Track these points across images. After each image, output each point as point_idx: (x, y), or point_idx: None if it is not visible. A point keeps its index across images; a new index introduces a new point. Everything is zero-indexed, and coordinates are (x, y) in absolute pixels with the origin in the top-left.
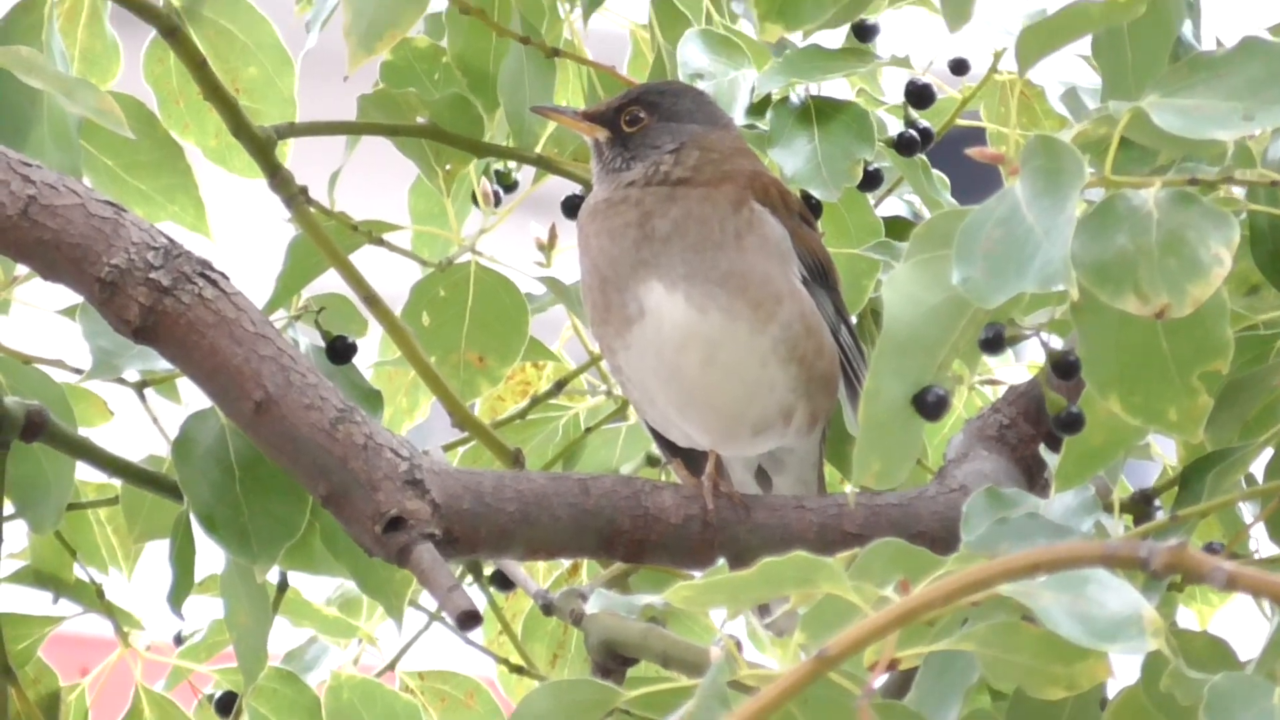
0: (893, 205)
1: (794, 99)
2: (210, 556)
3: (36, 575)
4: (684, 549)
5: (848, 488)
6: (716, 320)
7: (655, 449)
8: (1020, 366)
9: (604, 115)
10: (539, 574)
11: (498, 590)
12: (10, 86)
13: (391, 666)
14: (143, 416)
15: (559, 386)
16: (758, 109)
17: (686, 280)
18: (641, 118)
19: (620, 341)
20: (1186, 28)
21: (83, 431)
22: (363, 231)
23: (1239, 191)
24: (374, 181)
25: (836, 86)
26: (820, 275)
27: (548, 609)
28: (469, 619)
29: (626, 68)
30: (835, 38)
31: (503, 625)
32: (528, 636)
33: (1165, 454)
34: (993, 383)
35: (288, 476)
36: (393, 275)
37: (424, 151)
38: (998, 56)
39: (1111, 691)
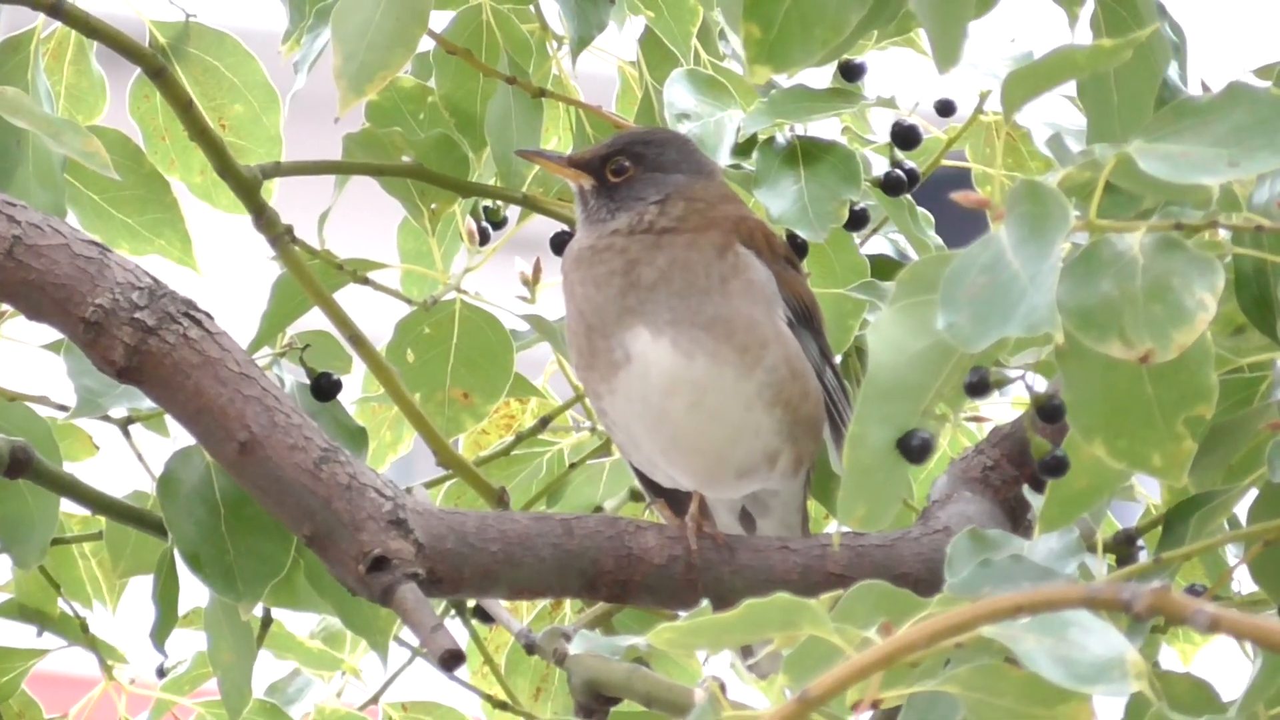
0: (878, 244)
1: (780, 139)
2: (194, 588)
3: (20, 609)
4: (667, 590)
5: (832, 526)
6: (702, 365)
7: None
8: (1004, 403)
9: (589, 163)
10: (521, 610)
11: (480, 624)
12: None
13: (375, 700)
14: (128, 452)
15: (543, 423)
16: (744, 149)
17: (672, 326)
18: (627, 167)
19: (606, 386)
20: (1172, 70)
21: (68, 466)
22: (348, 270)
23: (1224, 234)
24: (363, 220)
25: (823, 126)
26: (805, 318)
27: (530, 648)
28: (452, 659)
29: (615, 104)
30: (822, 77)
31: (485, 659)
32: (511, 670)
33: (1148, 493)
34: (977, 419)
35: (271, 516)
36: (379, 313)
37: (409, 191)
38: (983, 98)
39: None
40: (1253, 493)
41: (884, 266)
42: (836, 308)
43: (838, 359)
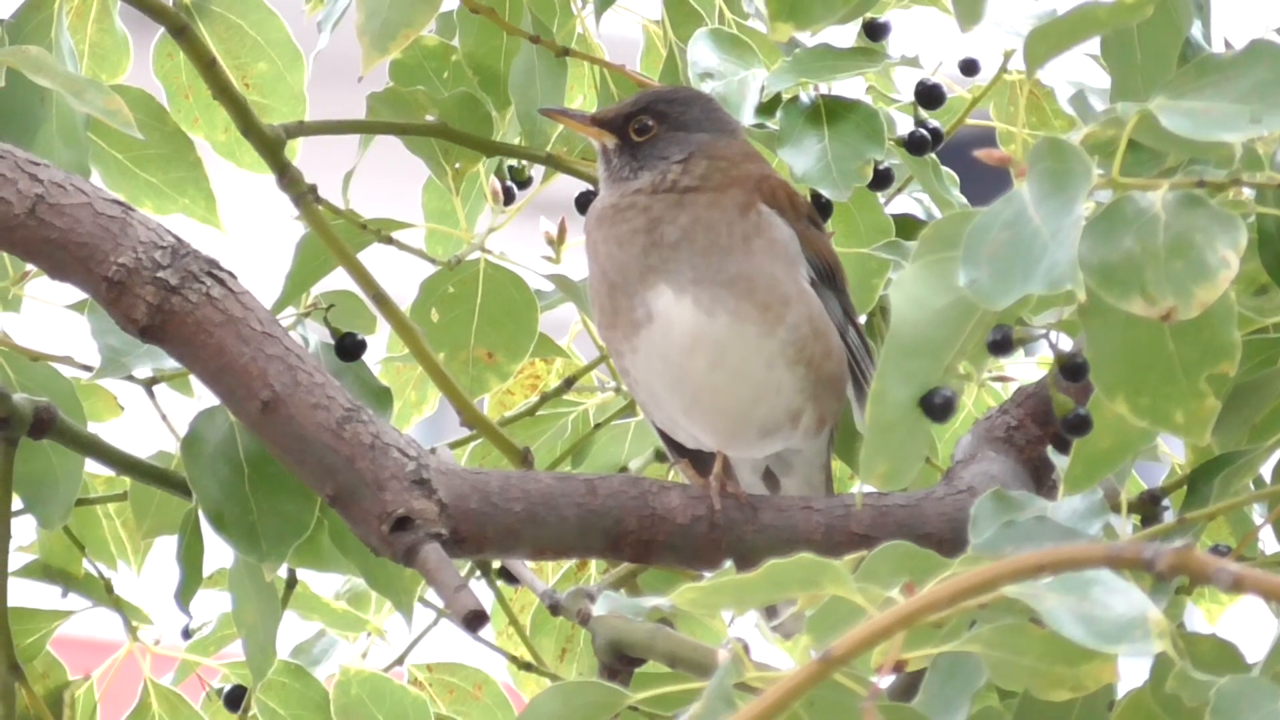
0: (902, 203)
1: (804, 98)
2: (219, 549)
3: (45, 570)
4: (691, 549)
5: (856, 487)
6: (724, 323)
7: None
8: (1030, 363)
9: (613, 122)
10: (546, 571)
11: (505, 584)
12: (19, 85)
13: (400, 661)
14: (152, 411)
15: (568, 383)
16: (767, 108)
17: (695, 284)
18: (650, 126)
19: (628, 345)
20: (1196, 28)
21: (92, 426)
22: (371, 230)
23: (1248, 193)
24: (388, 180)
25: (847, 85)
26: (828, 277)
27: (555, 609)
28: (476, 619)
29: (639, 63)
30: (846, 36)
31: (510, 619)
32: (536, 631)
33: (1173, 453)
34: (1003, 379)
35: (295, 475)
36: (403, 273)
37: (433, 150)
38: (1007, 56)
39: (1120, 692)
40: (1278, 453)
41: (908, 226)
42: (860, 267)
43: (862, 318)
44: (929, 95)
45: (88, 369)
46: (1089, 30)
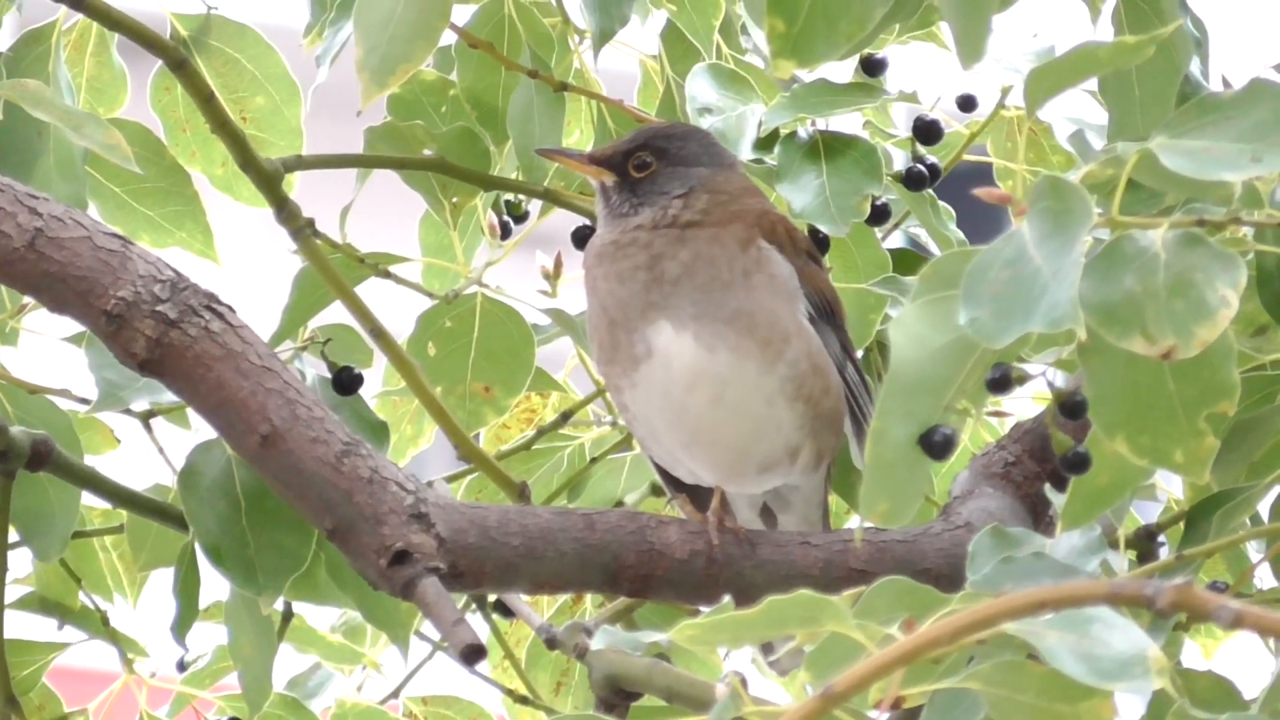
0: (900, 239)
1: (802, 134)
2: (215, 582)
3: (41, 602)
4: (689, 584)
5: (853, 521)
6: (725, 359)
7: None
8: (1025, 398)
9: (611, 160)
10: (542, 604)
11: (501, 618)
12: (17, 119)
13: (396, 694)
14: (149, 445)
15: (564, 417)
16: (765, 143)
17: (695, 320)
18: (649, 162)
19: (627, 380)
20: (1194, 65)
21: (89, 459)
22: (369, 264)
23: (1247, 231)
24: (385, 214)
25: (845, 120)
26: (827, 313)
27: (551, 643)
28: (474, 653)
29: (636, 98)
30: (843, 72)
31: (506, 653)
32: (531, 664)
33: (1169, 489)
34: (999, 414)
35: (293, 509)
36: (400, 307)
37: (430, 184)
38: (1005, 92)
39: None
40: (1275, 490)
41: (905, 261)
42: (858, 302)
43: (859, 354)
44: (927, 131)
45: (85, 402)
46: (1089, 70)
